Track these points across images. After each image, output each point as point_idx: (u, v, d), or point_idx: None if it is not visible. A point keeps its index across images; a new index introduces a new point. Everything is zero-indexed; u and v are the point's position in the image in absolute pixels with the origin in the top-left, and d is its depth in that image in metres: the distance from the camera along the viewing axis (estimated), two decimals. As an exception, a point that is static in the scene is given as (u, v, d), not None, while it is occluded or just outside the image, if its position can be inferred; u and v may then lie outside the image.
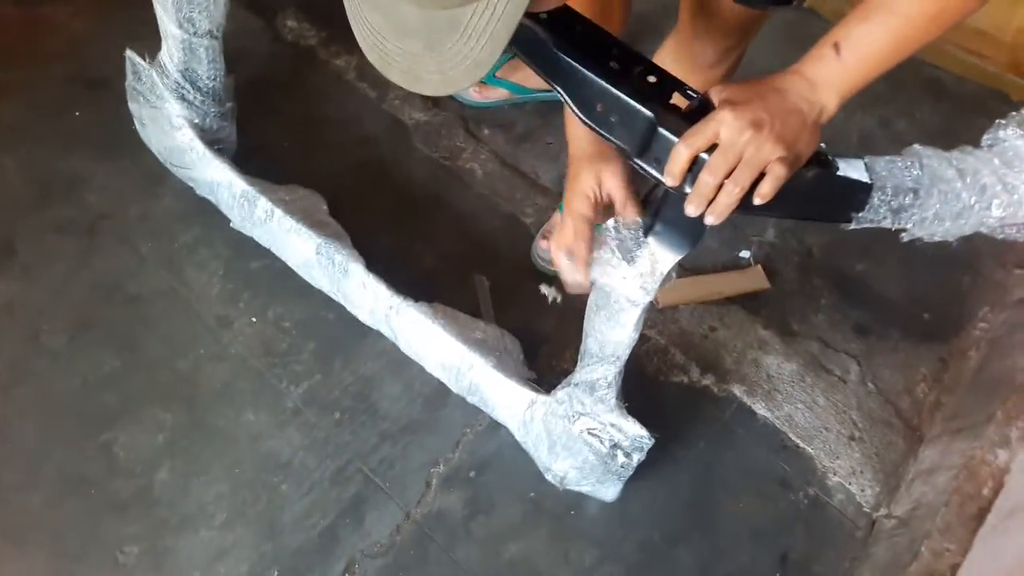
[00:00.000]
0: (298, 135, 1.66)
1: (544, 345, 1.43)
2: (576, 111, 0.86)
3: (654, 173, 0.84)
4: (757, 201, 0.80)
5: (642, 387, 1.36)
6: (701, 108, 0.82)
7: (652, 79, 0.85)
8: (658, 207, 0.91)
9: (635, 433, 1.07)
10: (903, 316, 1.54)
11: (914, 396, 1.45)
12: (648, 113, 0.82)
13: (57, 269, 1.45)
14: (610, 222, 0.97)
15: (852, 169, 0.87)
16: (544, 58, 0.86)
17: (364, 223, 1.48)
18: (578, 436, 1.12)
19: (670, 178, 0.82)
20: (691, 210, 0.83)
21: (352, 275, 1.29)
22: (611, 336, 1.01)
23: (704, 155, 0.79)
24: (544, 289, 1.45)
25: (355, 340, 1.41)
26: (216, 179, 1.39)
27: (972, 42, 1.89)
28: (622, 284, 0.97)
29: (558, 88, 0.87)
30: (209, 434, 1.31)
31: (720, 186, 0.80)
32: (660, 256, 0.93)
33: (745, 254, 1.59)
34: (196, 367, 1.37)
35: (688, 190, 0.82)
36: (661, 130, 0.82)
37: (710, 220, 0.82)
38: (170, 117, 1.38)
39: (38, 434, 1.29)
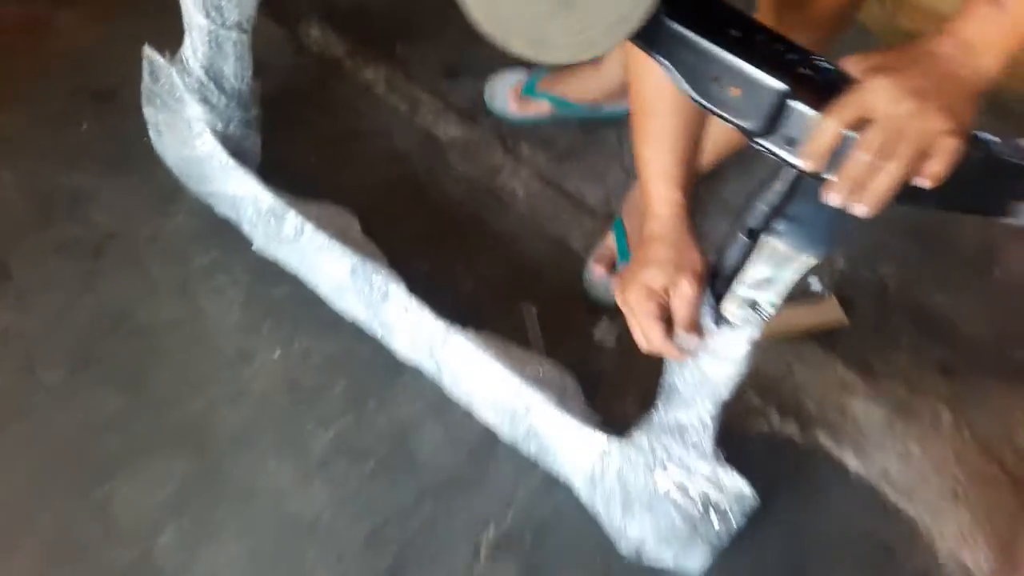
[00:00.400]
0: (325, 150, 1.51)
1: (600, 387, 1.27)
2: (688, 89, 0.73)
3: (785, 155, 0.71)
4: (926, 184, 0.67)
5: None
6: (836, 81, 0.69)
7: (779, 47, 0.72)
8: (780, 202, 0.78)
9: (737, 490, 0.91)
10: (991, 354, 1.39)
11: (1016, 446, 1.29)
12: (780, 85, 0.69)
13: (57, 295, 1.29)
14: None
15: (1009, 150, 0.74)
16: (649, 28, 0.72)
17: (398, 245, 1.33)
18: (662, 492, 0.96)
19: (810, 160, 0.69)
20: (836, 198, 0.69)
21: (392, 299, 1.13)
22: (711, 370, 0.86)
23: (849, 133, 0.66)
24: (598, 333, 1.31)
25: (391, 378, 1.25)
26: (239, 193, 1.24)
27: None
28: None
29: (665, 63, 0.74)
30: (223, 487, 1.14)
31: (873, 169, 0.66)
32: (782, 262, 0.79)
33: (815, 284, 1.44)
34: (211, 408, 1.20)
35: (828, 175, 0.69)
36: (795, 104, 0.69)
37: (862, 210, 0.69)
38: (190, 122, 1.24)
39: (27, 483, 1.13)
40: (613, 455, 1.01)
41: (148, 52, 1.24)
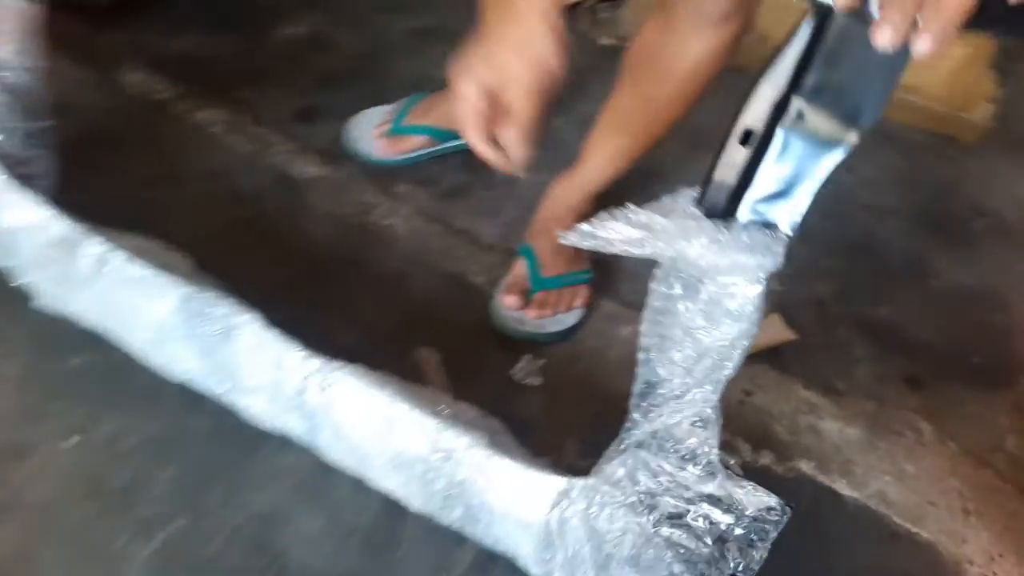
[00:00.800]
0: (147, 194, 1.21)
1: (531, 435, 0.99)
2: None
3: None
4: None
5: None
6: None
7: None
8: (802, 63, 0.57)
9: (760, 505, 0.65)
10: (952, 363, 1.25)
11: (1008, 453, 1.12)
12: None
13: None
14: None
15: None
16: None
17: (249, 294, 1.02)
18: (652, 534, 0.68)
19: None
20: (886, 38, 0.48)
21: (240, 336, 0.83)
22: (710, 337, 0.62)
23: None
24: (518, 373, 1.05)
25: (243, 455, 0.92)
26: (17, 225, 0.91)
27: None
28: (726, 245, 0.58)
29: None
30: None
31: None
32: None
33: (751, 305, 1.25)
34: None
35: (872, 9, 0.50)
36: None
37: (924, 46, 0.48)
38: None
39: None
40: (575, 500, 0.72)
41: None
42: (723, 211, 0.62)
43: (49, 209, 0.91)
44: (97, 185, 1.19)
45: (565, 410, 1.03)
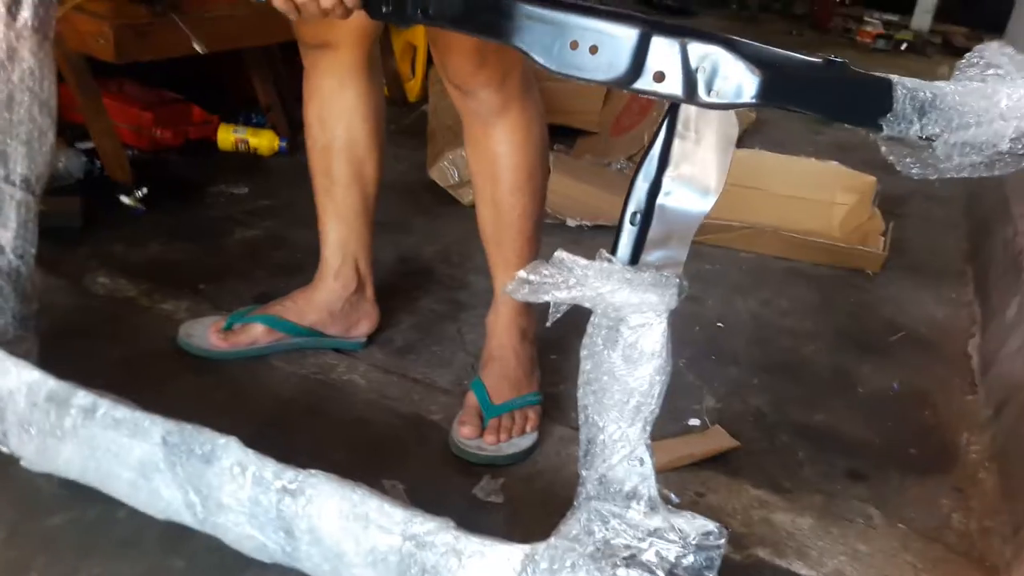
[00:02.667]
0: (114, 374, 1.27)
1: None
2: (547, 65, 0.73)
3: (662, 90, 0.70)
4: None
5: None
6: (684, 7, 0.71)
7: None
8: (665, 147, 0.72)
9: (701, 529, 0.71)
10: (890, 456, 1.33)
11: (955, 529, 1.17)
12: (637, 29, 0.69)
13: None
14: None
15: None
16: (501, 17, 0.72)
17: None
18: (613, 584, 0.72)
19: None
20: None
21: (220, 459, 0.88)
22: (630, 376, 0.70)
23: None
24: (481, 493, 1.11)
25: (223, 589, 0.94)
26: (8, 387, 0.98)
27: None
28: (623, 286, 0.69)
29: (522, 47, 0.73)
30: None
31: None
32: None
33: (695, 422, 1.34)
34: None
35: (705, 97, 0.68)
36: (658, 38, 0.69)
37: None
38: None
39: None
40: (540, 562, 0.76)
41: None
42: (629, 262, 0.75)
43: (36, 370, 0.97)
44: (70, 369, 1.26)
45: (529, 523, 1.06)
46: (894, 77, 0.67)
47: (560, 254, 0.74)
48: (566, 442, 1.23)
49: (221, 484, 0.88)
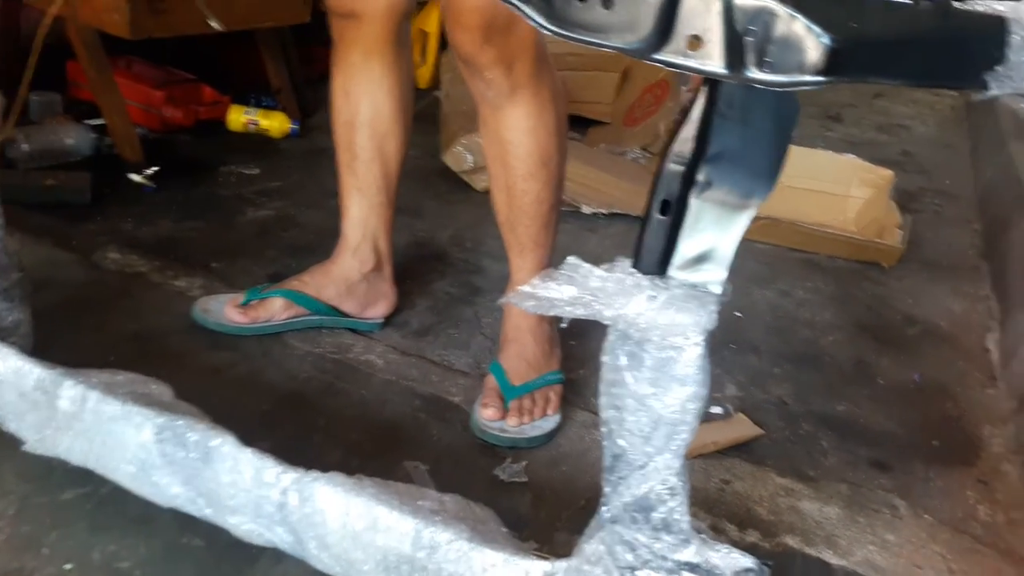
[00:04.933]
0: (127, 349, 1.25)
1: (523, 529, 1.01)
2: (539, 21, 0.55)
3: (695, 64, 0.53)
4: None
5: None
6: None
7: None
8: (697, 145, 0.62)
9: (739, 565, 0.67)
10: (913, 448, 1.31)
11: (981, 521, 1.16)
12: None
13: None
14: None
15: None
16: None
17: (235, 426, 1.05)
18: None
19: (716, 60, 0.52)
20: None
21: (217, 458, 0.85)
22: (660, 404, 0.65)
23: None
24: (504, 474, 1.09)
25: (238, 571, 0.91)
26: (-2, 375, 0.94)
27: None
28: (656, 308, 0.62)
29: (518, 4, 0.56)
30: None
31: None
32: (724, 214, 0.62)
33: (717, 410, 1.32)
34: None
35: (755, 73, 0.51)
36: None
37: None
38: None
39: None
40: (559, 583, 0.73)
41: None
42: (656, 270, 0.65)
43: (20, 357, 0.93)
44: (79, 341, 1.24)
45: (553, 504, 1.04)
46: (1007, 10, 0.52)
47: (573, 261, 0.63)
48: (589, 427, 1.21)
49: (222, 485, 0.85)
